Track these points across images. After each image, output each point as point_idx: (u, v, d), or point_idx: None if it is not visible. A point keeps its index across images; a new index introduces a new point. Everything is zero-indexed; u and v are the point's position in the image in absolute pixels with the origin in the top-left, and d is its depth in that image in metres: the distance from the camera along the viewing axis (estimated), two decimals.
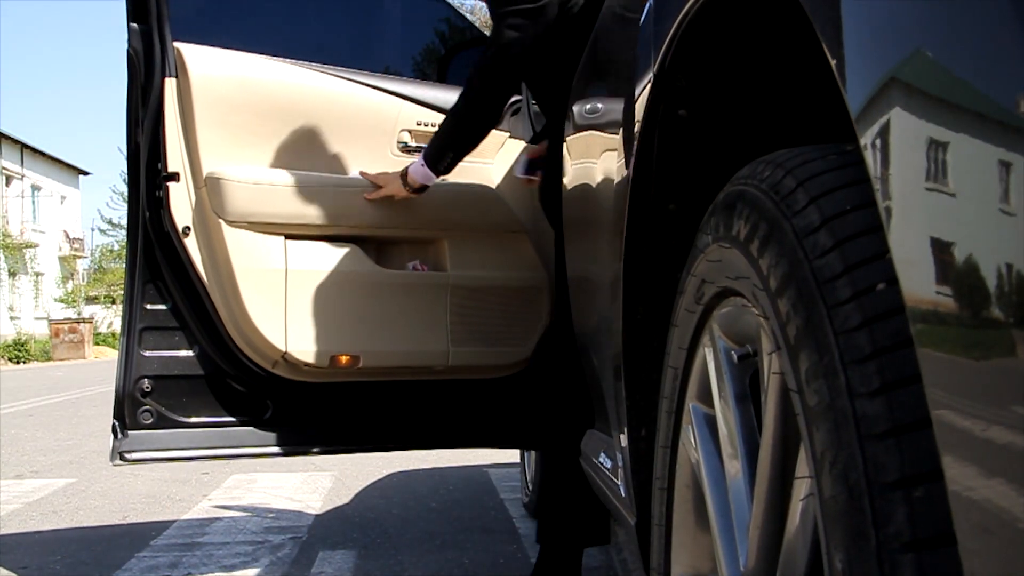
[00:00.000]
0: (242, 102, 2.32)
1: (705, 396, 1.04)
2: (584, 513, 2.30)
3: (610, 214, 1.53)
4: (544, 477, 2.34)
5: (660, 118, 1.27)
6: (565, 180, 2.31)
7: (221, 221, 2.25)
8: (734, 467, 0.94)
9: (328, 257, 2.33)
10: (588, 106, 1.99)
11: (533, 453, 3.34)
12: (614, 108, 1.63)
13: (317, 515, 3.58)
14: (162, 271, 2.31)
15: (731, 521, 0.94)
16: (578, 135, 2.08)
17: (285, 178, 2.31)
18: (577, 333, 2.25)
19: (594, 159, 1.82)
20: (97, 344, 27.85)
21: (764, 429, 0.83)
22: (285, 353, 2.29)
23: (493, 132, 2.49)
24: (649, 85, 1.26)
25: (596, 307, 1.80)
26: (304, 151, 2.39)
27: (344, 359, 2.34)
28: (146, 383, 2.31)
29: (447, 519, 3.43)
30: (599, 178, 1.74)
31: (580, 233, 2.06)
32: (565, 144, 2.34)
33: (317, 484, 4.25)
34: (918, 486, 0.59)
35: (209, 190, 2.26)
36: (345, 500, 3.87)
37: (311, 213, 2.32)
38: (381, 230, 2.41)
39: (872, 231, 0.68)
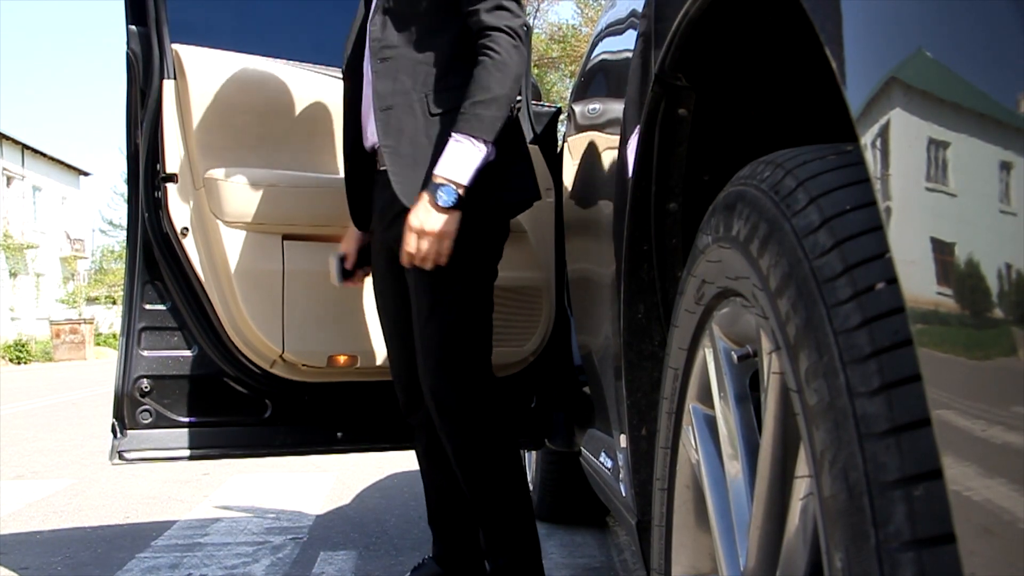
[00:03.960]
0: (240, 103, 2.32)
1: (705, 396, 1.04)
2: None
3: (610, 214, 1.53)
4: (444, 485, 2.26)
5: (660, 118, 1.27)
6: (565, 180, 2.31)
7: (219, 222, 2.25)
8: (734, 467, 0.94)
9: (326, 258, 2.34)
10: (588, 106, 1.99)
11: (534, 453, 3.34)
12: (614, 108, 1.63)
13: (318, 516, 3.58)
14: (161, 271, 2.32)
15: (731, 521, 0.94)
16: (578, 135, 2.08)
17: (282, 179, 2.31)
18: (578, 333, 2.25)
19: (594, 159, 1.82)
20: (98, 345, 27.84)
21: (764, 429, 0.83)
22: (283, 353, 2.29)
23: None
24: (649, 84, 1.26)
25: (596, 306, 1.80)
26: (302, 152, 2.39)
27: (342, 359, 2.35)
28: (145, 383, 2.31)
29: None
30: (599, 178, 1.74)
31: (581, 232, 2.06)
32: (565, 144, 2.34)
33: (318, 485, 4.25)
34: (918, 485, 0.59)
35: (207, 191, 2.26)
36: (346, 501, 3.88)
37: (308, 214, 2.32)
38: None
39: (872, 231, 0.68)
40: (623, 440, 1.46)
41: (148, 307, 2.33)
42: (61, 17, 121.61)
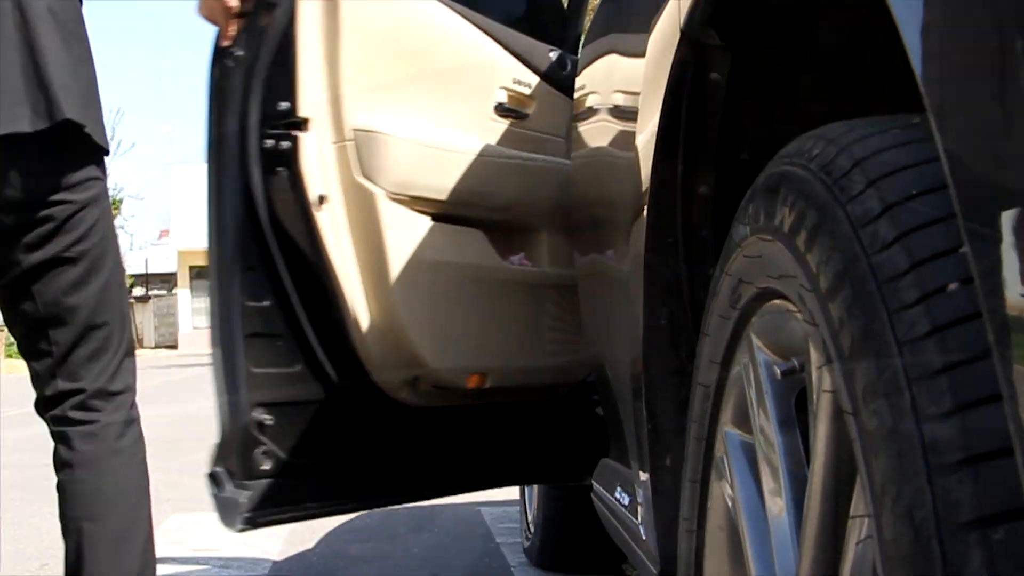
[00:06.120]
0: (385, 34, 2.09)
1: (742, 420, 1.04)
2: None
3: (630, 200, 1.53)
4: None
5: (689, 84, 1.27)
6: (574, 162, 2.31)
7: (377, 191, 2.02)
8: (777, 505, 0.94)
9: (460, 246, 2.16)
10: (602, 72, 1.99)
11: (535, 490, 3.34)
12: (633, 73, 1.63)
13: (275, 562, 3.58)
14: (264, 257, 2.03)
15: (774, 570, 0.94)
16: (591, 107, 2.08)
17: (447, 141, 2.12)
18: (587, 342, 2.24)
19: (611, 136, 1.82)
20: None
21: (813, 459, 0.83)
22: (430, 369, 2.09)
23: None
24: (675, 44, 1.26)
25: (611, 311, 1.80)
26: (423, 106, 2.15)
27: (475, 378, 2.16)
28: (264, 414, 2.01)
29: (432, 566, 3.44)
30: (617, 158, 1.74)
31: (593, 223, 2.06)
32: (576, 120, 2.33)
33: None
34: (998, 527, 0.59)
35: (359, 147, 2.03)
36: (309, 544, 3.88)
37: (468, 188, 2.13)
38: (523, 215, 2.26)
39: (943, 220, 0.68)
40: (643, 473, 1.46)
41: (250, 304, 2.02)
42: None
